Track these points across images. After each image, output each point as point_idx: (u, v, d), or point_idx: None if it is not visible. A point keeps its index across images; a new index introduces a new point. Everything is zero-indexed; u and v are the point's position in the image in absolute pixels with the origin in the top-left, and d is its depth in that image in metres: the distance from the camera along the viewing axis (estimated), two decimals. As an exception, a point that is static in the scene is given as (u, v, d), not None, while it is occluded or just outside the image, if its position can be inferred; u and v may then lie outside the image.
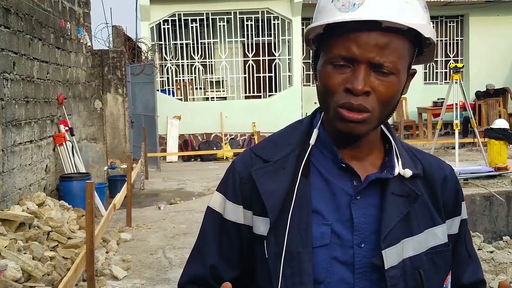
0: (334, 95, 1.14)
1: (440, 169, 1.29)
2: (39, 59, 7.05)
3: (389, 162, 1.23)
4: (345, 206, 1.18)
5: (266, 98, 14.82)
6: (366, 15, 1.09)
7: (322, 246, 1.16)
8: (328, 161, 1.22)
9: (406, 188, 1.20)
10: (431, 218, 1.23)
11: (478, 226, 4.68)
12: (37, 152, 6.94)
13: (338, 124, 1.15)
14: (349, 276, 1.17)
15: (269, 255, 1.17)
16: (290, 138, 1.25)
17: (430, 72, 16.23)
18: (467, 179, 5.08)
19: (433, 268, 1.21)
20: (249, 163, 1.24)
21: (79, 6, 9.46)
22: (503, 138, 8.89)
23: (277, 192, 1.18)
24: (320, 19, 1.17)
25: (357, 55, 1.10)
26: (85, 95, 9.47)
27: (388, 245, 1.15)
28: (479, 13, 15.61)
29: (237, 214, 1.23)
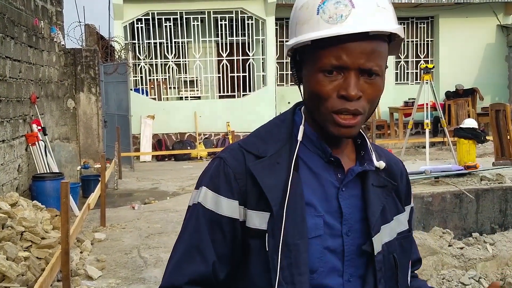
0: (327, 101, 1.19)
1: (397, 163, 1.41)
2: (11, 57, 6.97)
3: (366, 155, 1.32)
4: (333, 197, 1.26)
5: (240, 97, 14.85)
6: (358, 28, 1.14)
7: (316, 237, 1.22)
8: (314, 156, 1.28)
9: (382, 179, 1.31)
10: (396, 206, 1.34)
11: (449, 223, 4.79)
12: (10, 151, 6.86)
13: (331, 128, 1.21)
14: (338, 264, 1.24)
15: (269, 247, 1.20)
16: (278, 134, 1.30)
17: (401, 72, 16.45)
18: (437, 178, 5.19)
19: (402, 252, 1.32)
20: (242, 159, 1.26)
21: (51, 4, 9.37)
22: (472, 138, 9.06)
23: (276, 186, 1.22)
24: (307, 31, 1.20)
25: (348, 64, 1.17)
26: (58, 94, 9.38)
27: (375, 232, 1.25)
28: (449, 15, 15.88)
29: (232, 209, 1.24)
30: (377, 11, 1.17)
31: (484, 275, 4.51)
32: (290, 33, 1.28)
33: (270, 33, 14.45)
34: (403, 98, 15.31)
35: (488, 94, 15.92)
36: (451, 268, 4.46)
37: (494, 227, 4.96)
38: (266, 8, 14.25)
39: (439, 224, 4.73)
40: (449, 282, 4.35)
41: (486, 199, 4.93)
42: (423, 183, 5.11)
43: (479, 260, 4.57)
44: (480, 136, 9.15)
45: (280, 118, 1.35)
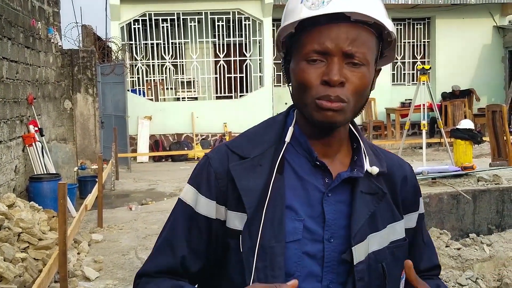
0: (311, 89, 1.18)
1: (400, 167, 1.35)
2: (8, 58, 6.96)
3: (358, 161, 1.28)
4: (317, 202, 1.23)
5: (237, 98, 14.85)
6: (335, 9, 1.15)
7: (294, 241, 1.21)
8: (302, 159, 1.26)
9: (374, 186, 1.26)
10: (392, 214, 1.29)
11: (446, 224, 4.80)
12: (6, 152, 6.85)
13: (316, 115, 1.19)
14: (317, 270, 1.22)
15: (243, 249, 1.20)
16: (265, 135, 1.29)
17: (398, 73, 16.47)
18: (434, 178, 5.20)
19: (393, 261, 1.27)
20: (225, 159, 1.26)
21: (48, 5, 9.36)
22: (469, 138, 9.10)
23: (254, 188, 1.21)
24: (291, 19, 1.21)
25: (329, 48, 1.16)
26: (55, 95, 9.36)
27: (357, 242, 1.21)
28: (446, 16, 15.91)
29: (209, 209, 1.25)
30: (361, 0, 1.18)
31: (481, 275, 4.52)
32: (282, 24, 1.28)
33: (267, 34, 14.45)
34: (399, 99, 15.34)
35: (485, 95, 15.96)
36: (448, 268, 4.47)
37: (491, 228, 4.98)
38: (263, 9, 14.26)
39: (436, 225, 4.74)
40: (447, 282, 4.36)
41: (483, 200, 4.95)
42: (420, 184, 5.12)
43: (476, 261, 4.58)
44: (476, 137, 9.19)
45: (273, 119, 1.34)
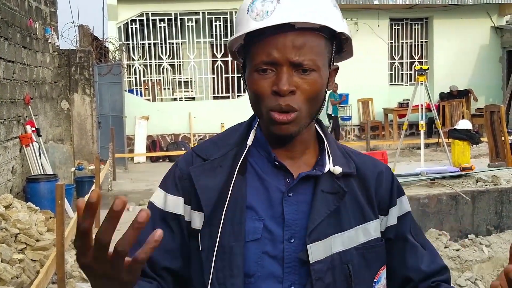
0: (264, 100, 1.20)
1: (374, 168, 1.34)
2: (5, 58, 6.93)
3: (320, 161, 1.29)
4: (277, 202, 1.24)
5: (235, 98, 14.83)
6: (277, 20, 1.15)
7: (254, 240, 1.21)
8: (263, 160, 1.28)
9: (336, 185, 1.26)
10: (363, 215, 1.28)
11: (445, 225, 4.79)
12: (3, 153, 6.82)
13: (271, 127, 1.21)
14: (278, 270, 1.21)
15: (202, 248, 1.22)
16: (229, 139, 1.31)
17: (396, 73, 16.48)
18: (433, 179, 5.19)
19: (363, 263, 1.25)
20: (190, 161, 1.30)
21: (45, 5, 9.33)
22: (467, 139, 9.11)
23: (212, 188, 1.24)
24: (239, 31, 1.22)
25: (277, 58, 1.17)
26: (52, 95, 9.34)
27: (313, 240, 1.20)
28: (443, 16, 15.92)
29: (177, 205, 1.27)
30: (305, 5, 1.18)
31: (480, 276, 4.52)
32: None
33: (264, 34, 14.42)
34: (397, 99, 15.35)
35: (482, 95, 15.97)
36: (447, 269, 4.46)
37: (490, 229, 4.97)
38: (260, 9, 14.23)
39: (435, 226, 4.73)
40: (445, 283, 4.35)
41: (482, 200, 4.94)
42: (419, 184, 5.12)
43: (475, 262, 4.58)
44: (474, 137, 9.19)
45: (240, 124, 1.36)
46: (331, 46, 1.25)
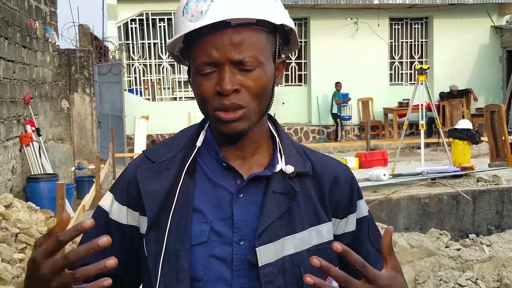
0: (209, 101, 1.18)
1: (332, 169, 1.31)
2: (5, 58, 6.93)
3: (272, 160, 1.26)
4: (227, 204, 1.21)
5: (234, 98, 14.82)
6: (211, 19, 1.14)
7: (201, 243, 1.19)
8: (213, 162, 1.25)
9: (288, 185, 1.22)
10: (317, 216, 1.24)
11: (446, 224, 4.79)
12: (3, 153, 6.81)
13: (219, 127, 1.19)
14: (227, 273, 1.18)
15: (149, 253, 1.20)
16: (180, 141, 1.29)
17: (396, 73, 16.48)
18: (434, 179, 5.19)
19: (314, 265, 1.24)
20: (139, 164, 1.28)
21: (45, 4, 9.32)
22: (467, 138, 9.10)
23: (157, 192, 1.21)
24: (177, 33, 1.21)
25: (217, 58, 1.15)
26: (52, 95, 9.33)
27: (263, 243, 1.17)
28: (443, 16, 15.92)
29: (120, 215, 1.26)
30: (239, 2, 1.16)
31: (481, 276, 4.51)
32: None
33: (264, 33, 14.42)
34: (397, 99, 15.34)
35: (482, 95, 15.97)
36: (448, 269, 4.46)
37: (491, 229, 4.97)
38: (260, 9, 14.23)
39: (436, 225, 4.73)
40: (446, 283, 4.35)
41: (483, 200, 4.94)
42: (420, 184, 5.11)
43: (476, 262, 4.58)
44: (474, 137, 9.19)
45: (193, 125, 1.35)
46: (274, 39, 1.22)
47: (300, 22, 16.01)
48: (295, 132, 15.75)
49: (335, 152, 13.98)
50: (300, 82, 16.16)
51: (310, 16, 15.66)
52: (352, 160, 10.24)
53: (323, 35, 15.47)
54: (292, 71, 16.10)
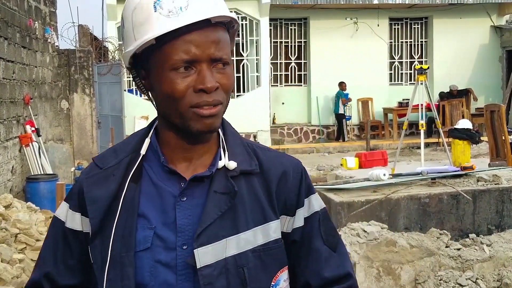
0: (184, 99, 1.15)
1: (280, 165, 1.28)
2: (4, 58, 6.92)
3: (215, 160, 1.24)
4: (170, 208, 1.20)
5: (234, 98, 14.81)
6: (198, 16, 1.12)
7: (145, 249, 1.18)
8: (159, 166, 1.24)
9: (230, 185, 1.21)
10: (263, 214, 1.23)
11: (446, 224, 4.79)
12: (3, 153, 6.81)
13: (194, 124, 1.16)
14: (172, 278, 1.18)
15: (95, 260, 1.20)
16: (127, 146, 1.28)
17: (395, 73, 16.47)
18: (434, 179, 5.19)
19: (259, 265, 1.21)
20: (89, 172, 1.27)
21: (45, 5, 9.31)
22: (467, 138, 9.10)
23: (101, 199, 1.20)
24: (147, 31, 1.14)
25: (198, 56, 1.13)
26: (52, 95, 9.32)
27: (202, 244, 1.16)
28: (443, 16, 15.92)
29: (75, 222, 1.26)
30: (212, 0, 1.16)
31: (481, 276, 4.51)
32: (127, 41, 1.20)
33: (264, 33, 14.43)
34: (397, 98, 15.34)
35: (482, 95, 15.96)
36: (448, 269, 4.45)
37: (491, 228, 4.97)
38: (260, 9, 14.24)
39: (436, 225, 4.73)
40: (446, 283, 4.34)
41: (483, 200, 4.94)
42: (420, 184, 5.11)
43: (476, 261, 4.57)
44: (474, 136, 9.19)
45: (142, 129, 1.33)
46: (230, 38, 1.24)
47: (299, 22, 16.01)
48: (294, 132, 15.75)
49: (335, 152, 13.97)
50: (300, 82, 16.16)
51: (310, 16, 15.66)
52: (352, 160, 10.24)
53: (323, 35, 15.47)
54: (291, 71, 16.10)
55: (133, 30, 1.17)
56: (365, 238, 4.34)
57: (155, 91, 1.20)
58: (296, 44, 16.06)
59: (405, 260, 4.36)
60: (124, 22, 1.20)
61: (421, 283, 4.35)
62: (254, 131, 14.41)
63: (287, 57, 16.11)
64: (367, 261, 4.28)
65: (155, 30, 1.13)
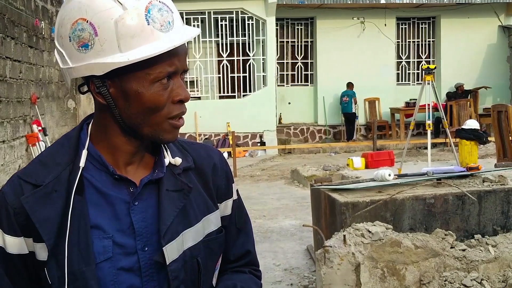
0: (163, 110, 1.18)
1: (209, 158, 1.36)
2: (11, 58, 6.96)
3: (159, 161, 1.26)
4: (124, 214, 1.20)
5: (241, 98, 14.84)
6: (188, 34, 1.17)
7: (106, 260, 1.18)
8: (102, 174, 1.22)
9: (180, 182, 1.26)
10: (206, 206, 1.30)
11: (451, 225, 4.76)
12: (10, 152, 6.84)
13: (166, 135, 1.20)
14: (137, 282, 1.20)
15: (52, 280, 1.17)
16: (58, 157, 1.22)
17: (403, 73, 16.43)
18: (440, 179, 5.16)
19: (208, 253, 1.29)
20: (19, 191, 1.19)
21: (51, 4, 9.35)
22: (474, 139, 9.05)
23: (51, 217, 1.16)
24: (142, 43, 1.12)
25: (179, 68, 1.18)
26: (58, 95, 9.36)
27: (168, 241, 1.20)
28: (451, 15, 15.86)
29: (20, 246, 1.20)
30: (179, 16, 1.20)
31: (486, 277, 4.49)
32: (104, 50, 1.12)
33: (270, 33, 14.43)
34: (404, 98, 15.30)
35: (490, 95, 15.90)
36: (453, 270, 4.43)
37: (497, 229, 4.93)
38: (266, 8, 14.24)
39: (441, 226, 4.70)
40: (451, 284, 4.32)
41: (489, 200, 4.90)
42: (425, 184, 5.08)
43: (481, 262, 4.55)
44: (482, 137, 9.14)
45: (66, 136, 1.28)
46: None
47: (306, 22, 16.00)
48: (301, 132, 15.74)
49: (341, 152, 13.95)
50: (306, 82, 16.15)
51: (317, 15, 15.64)
52: (359, 160, 10.22)
53: (330, 35, 15.45)
54: (298, 71, 16.09)
55: (118, 41, 1.12)
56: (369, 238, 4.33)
57: (129, 101, 1.17)
58: (302, 43, 16.05)
59: (410, 260, 4.34)
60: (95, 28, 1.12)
61: (426, 284, 4.34)
62: (260, 130, 14.41)
63: (294, 57, 16.10)
64: (372, 261, 4.26)
65: (154, 42, 1.12)
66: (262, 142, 14.40)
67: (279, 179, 10.96)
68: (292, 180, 10.58)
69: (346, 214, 4.57)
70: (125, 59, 1.12)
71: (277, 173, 11.67)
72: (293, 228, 7.12)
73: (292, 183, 10.39)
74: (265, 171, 11.99)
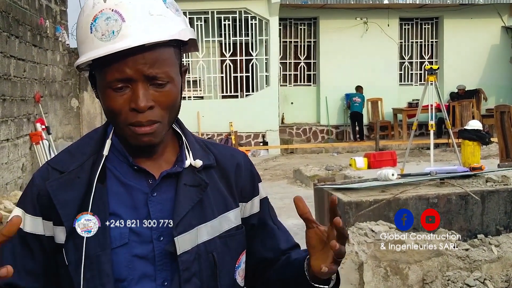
0: (121, 115, 1.19)
1: (232, 158, 1.39)
2: (16, 57, 6.98)
3: (180, 157, 1.31)
4: (142, 204, 1.25)
5: (243, 97, 14.84)
6: (130, 42, 1.14)
7: (122, 245, 1.23)
8: (124, 165, 1.28)
9: (198, 178, 1.29)
10: (225, 204, 1.33)
11: (454, 224, 4.77)
12: (14, 150, 6.86)
13: (131, 140, 1.22)
14: (150, 270, 1.24)
15: (69, 262, 1.22)
16: (85, 148, 1.30)
17: (405, 73, 16.42)
18: (443, 179, 5.17)
19: (226, 250, 1.31)
20: (46, 176, 1.27)
21: (56, 3, 9.37)
22: (477, 139, 9.04)
23: (71, 201, 1.23)
24: (85, 51, 1.19)
25: (131, 75, 1.16)
26: (62, 94, 9.38)
27: (180, 232, 1.23)
28: (454, 16, 15.85)
29: (36, 226, 1.26)
30: (150, 21, 1.17)
31: (489, 276, 4.49)
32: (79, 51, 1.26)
33: (273, 33, 14.44)
34: (407, 99, 15.29)
35: (493, 95, 15.89)
36: (456, 269, 4.44)
37: (499, 229, 4.94)
38: (269, 8, 14.24)
39: (445, 225, 4.71)
40: (454, 283, 4.33)
41: (492, 200, 4.91)
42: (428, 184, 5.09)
43: (484, 262, 4.56)
44: (484, 137, 9.13)
45: (95, 130, 1.35)
46: (179, 52, 1.26)
47: (309, 22, 16.00)
48: (303, 132, 15.75)
49: (344, 152, 13.96)
50: (309, 82, 16.16)
51: (320, 16, 15.65)
52: (361, 161, 10.22)
53: (333, 35, 15.46)
54: (301, 71, 16.09)
55: (79, 46, 1.23)
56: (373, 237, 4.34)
57: (101, 103, 1.25)
58: (305, 44, 16.06)
59: (413, 260, 4.35)
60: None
61: (429, 283, 4.35)
62: (263, 130, 14.42)
63: (297, 57, 16.10)
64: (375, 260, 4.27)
65: (91, 52, 1.18)
66: (265, 142, 14.41)
67: (282, 179, 10.96)
68: (295, 180, 10.59)
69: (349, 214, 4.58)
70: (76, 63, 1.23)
71: (279, 172, 11.68)
72: (296, 228, 7.12)
73: (295, 183, 10.40)
74: (268, 170, 12.00)
